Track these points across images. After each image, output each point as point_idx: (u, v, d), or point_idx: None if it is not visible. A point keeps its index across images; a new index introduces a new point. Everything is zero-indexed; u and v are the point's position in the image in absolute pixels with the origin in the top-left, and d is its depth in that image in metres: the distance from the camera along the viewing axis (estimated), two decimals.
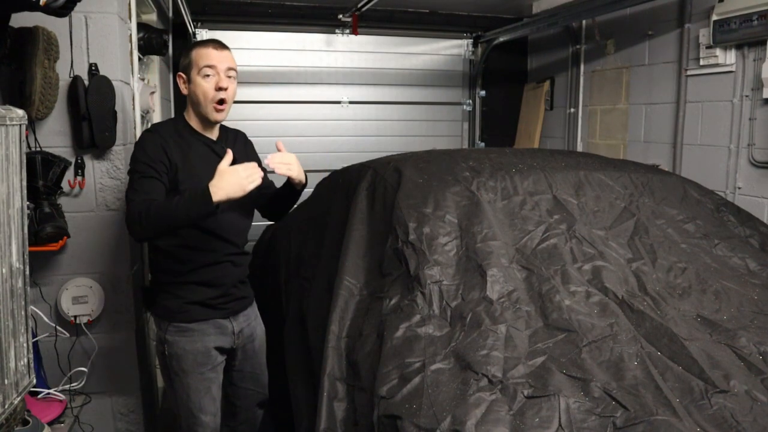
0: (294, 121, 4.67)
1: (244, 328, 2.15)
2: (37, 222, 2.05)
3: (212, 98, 1.92)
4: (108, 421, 2.43)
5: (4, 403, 1.41)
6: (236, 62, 2.01)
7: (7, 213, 1.41)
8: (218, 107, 1.94)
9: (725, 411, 1.30)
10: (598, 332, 1.56)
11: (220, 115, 1.96)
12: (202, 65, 1.91)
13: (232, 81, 1.97)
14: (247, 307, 2.19)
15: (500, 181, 2.16)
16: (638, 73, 3.82)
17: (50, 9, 1.65)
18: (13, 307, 1.45)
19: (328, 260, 2.29)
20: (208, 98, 1.92)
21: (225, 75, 1.93)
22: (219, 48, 1.96)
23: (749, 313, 1.71)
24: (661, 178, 2.40)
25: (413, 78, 4.91)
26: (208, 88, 1.91)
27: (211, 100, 1.92)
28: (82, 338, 2.32)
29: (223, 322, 2.07)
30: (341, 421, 1.64)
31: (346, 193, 2.42)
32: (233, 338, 2.11)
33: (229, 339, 2.09)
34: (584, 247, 1.92)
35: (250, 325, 2.19)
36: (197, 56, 1.93)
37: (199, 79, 1.92)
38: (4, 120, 1.40)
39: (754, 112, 2.96)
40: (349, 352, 1.77)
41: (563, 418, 1.29)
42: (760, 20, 2.77)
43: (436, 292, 1.73)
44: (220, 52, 1.94)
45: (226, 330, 2.08)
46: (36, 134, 2.17)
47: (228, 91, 1.94)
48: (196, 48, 1.96)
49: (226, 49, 1.98)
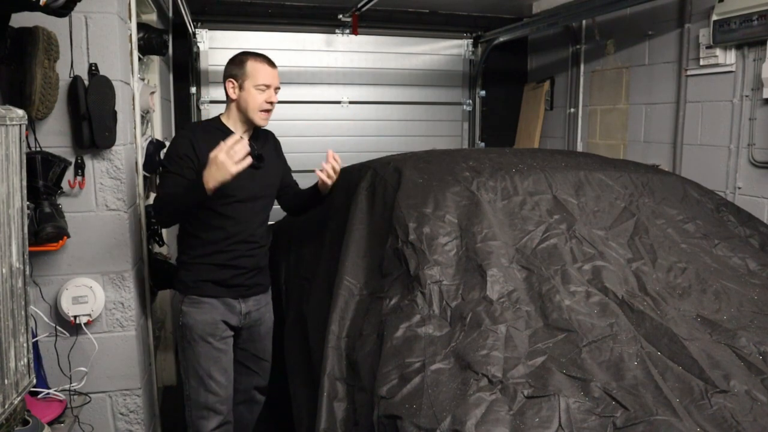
0: (294, 121, 4.67)
1: (252, 311, 2.34)
2: (37, 222, 2.05)
3: (262, 108, 2.21)
4: (108, 421, 2.43)
5: (4, 403, 1.41)
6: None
7: (7, 213, 1.41)
8: (264, 115, 2.24)
9: (725, 411, 1.30)
10: (598, 332, 1.56)
11: (265, 121, 2.27)
12: (260, 81, 2.19)
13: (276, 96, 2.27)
14: (260, 293, 2.38)
15: (500, 181, 2.16)
16: (638, 73, 3.82)
17: (50, 9, 1.65)
18: (13, 307, 1.45)
19: (328, 260, 2.29)
20: (257, 108, 2.21)
21: (275, 92, 2.24)
22: (273, 67, 2.25)
23: (749, 313, 1.71)
24: (661, 178, 2.41)
25: (413, 78, 4.91)
26: (261, 102, 2.21)
27: (260, 109, 2.21)
28: (82, 338, 2.32)
29: (233, 301, 2.28)
30: (341, 421, 1.64)
31: (346, 193, 2.42)
32: (240, 317, 2.30)
33: (236, 317, 2.29)
34: (584, 247, 1.92)
35: (260, 310, 2.38)
36: (254, 70, 2.19)
37: (254, 91, 2.19)
38: (4, 120, 1.40)
39: (754, 112, 2.96)
40: (349, 352, 1.77)
41: (563, 418, 1.29)
42: (760, 20, 2.77)
43: (436, 292, 1.73)
44: (274, 71, 2.24)
45: (234, 309, 2.28)
46: (36, 134, 2.17)
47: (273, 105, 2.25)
48: (252, 61, 2.21)
49: (276, 68, 2.27)
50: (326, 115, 4.77)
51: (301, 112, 4.70)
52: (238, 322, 2.31)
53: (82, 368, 2.31)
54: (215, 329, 2.24)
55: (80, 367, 2.32)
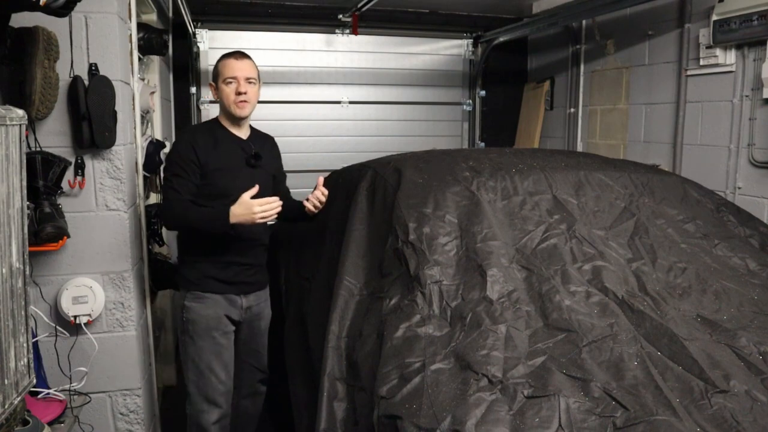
0: (294, 121, 4.67)
1: (252, 306, 2.42)
2: (37, 222, 2.04)
3: (234, 100, 2.26)
4: (108, 421, 2.43)
5: (4, 403, 1.41)
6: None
7: (7, 213, 1.41)
8: (240, 105, 2.27)
9: (725, 411, 1.30)
10: (598, 332, 1.56)
11: (242, 110, 2.28)
12: (227, 75, 2.26)
13: (252, 85, 2.29)
14: (260, 289, 2.46)
15: (500, 181, 2.16)
16: (638, 73, 3.82)
17: (50, 9, 1.65)
18: (13, 307, 1.45)
19: (328, 260, 2.29)
20: (230, 100, 2.26)
21: (245, 82, 2.26)
22: (242, 58, 2.29)
23: (749, 313, 1.71)
24: (661, 178, 2.40)
25: (413, 78, 4.91)
26: (231, 93, 2.26)
27: (233, 102, 2.26)
28: (82, 338, 2.32)
29: (234, 297, 2.35)
30: (341, 421, 1.64)
31: (346, 193, 2.42)
32: (241, 311, 2.38)
33: (237, 312, 2.37)
34: (584, 247, 1.92)
35: (259, 305, 2.46)
36: (222, 67, 2.29)
37: (224, 86, 2.27)
38: (4, 120, 1.40)
39: (754, 112, 2.96)
40: (349, 352, 1.77)
41: (563, 418, 1.29)
42: (760, 20, 2.77)
43: (436, 292, 1.73)
44: (241, 63, 2.28)
45: (235, 303, 2.36)
46: (36, 134, 2.17)
47: (249, 94, 2.27)
48: (221, 61, 2.32)
49: (245, 59, 2.30)
50: (326, 115, 4.77)
51: (301, 112, 4.71)
52: (240, 317, 2.38)
53: (82, 368, 2.32)
54: (219, 324, 2.31)
55: (80, 367, 2.32)
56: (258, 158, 2.31)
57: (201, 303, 2.30)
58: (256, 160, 2.31)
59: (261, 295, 2.47)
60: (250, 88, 2.28)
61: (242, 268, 2.34)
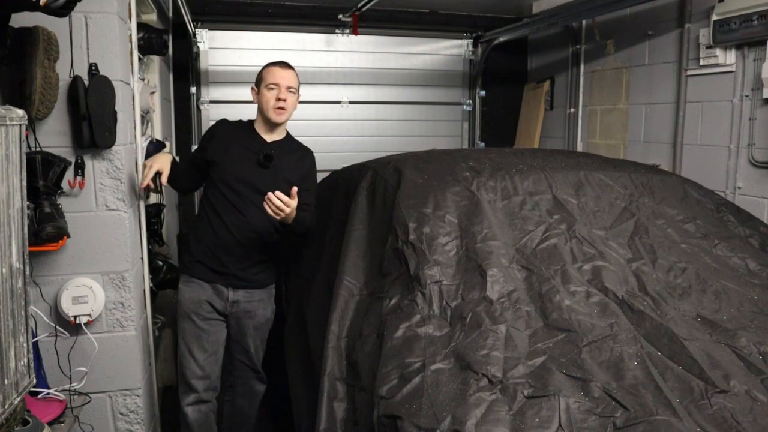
0: (294, 121, 4.65)
1: (241, 301, 2.44)
2: (37, 222, 2.04)
3: (273, 105, 2.39)
4: (108, 421, 2.43)
5: (4, 403, 1.41)
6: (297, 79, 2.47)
7: (7, 213, 1.41)
8: (277, 112, 2.41)
9: (725, 411, 1.30)
10: (598, 332, 1.56)
11: (279, 117, 2.42)
12: (269, 81, 2.40)
13: (292, 94, 2.43)
14: (254, 287, 2.46)
15: (500, 181, 2.16)
16: (638, 73, 3.82)
17: (50, 9, 1.65)
18: (13, 307, 1.45)
19: (328, 260, 2.29)
20: (270, 105, 2.40)
21: (286, 90, 2.40)
22: (286, 68, 2.44)
23: (749, 313, 1.71)
24: (661, 178, 2.40)
25: (413, 78, 4.91)
26: (270, 99, 2.39)
27: (272, 107, 2.40)
28: (82, 338, 2.31)
29: (222, 288, 2.42)
30: (341, 421, 1.64)
31: (346, 193, 2.43)
32: (226, 303, 2.44)
33: (222, 303, 2.43)
34: (584, 247, 1.92)
35: (251, 303, 2.46)
36: (266, 74, 2.43)
37: (266, 91, 2.41)
38: (4, 120, 1.40)
39: (754, 112, 2.96)
40: (349, 352, 1.77)
41: (563, 418, 1.29)
42: (760, 20, 2.77)
43: (436, 292, 1.73)
44: (285, 72, 2.42)
45: (222, 294, 2.43)
46: (36, 134, 2.17)
47: (287, 102, 2.41)
48: (266, 67, 2.46)
49: (289, 69, 2.45)
50: (326, 115, 4.77)
51: (301, 112, 4.64)
52: (224, 308, 2.44)
53: (82, 368, 2.31)
54: (199, 308, 2.41)
55: (80, 367, 2.31)
56: (269, 159, 2.38)
57: (187, 286, 2.42)
58: (266, 160, 2.38)
59: (254, 294, 2.47)
60: (290, 97, 2.41)
61: (231, 259, 2.39)
